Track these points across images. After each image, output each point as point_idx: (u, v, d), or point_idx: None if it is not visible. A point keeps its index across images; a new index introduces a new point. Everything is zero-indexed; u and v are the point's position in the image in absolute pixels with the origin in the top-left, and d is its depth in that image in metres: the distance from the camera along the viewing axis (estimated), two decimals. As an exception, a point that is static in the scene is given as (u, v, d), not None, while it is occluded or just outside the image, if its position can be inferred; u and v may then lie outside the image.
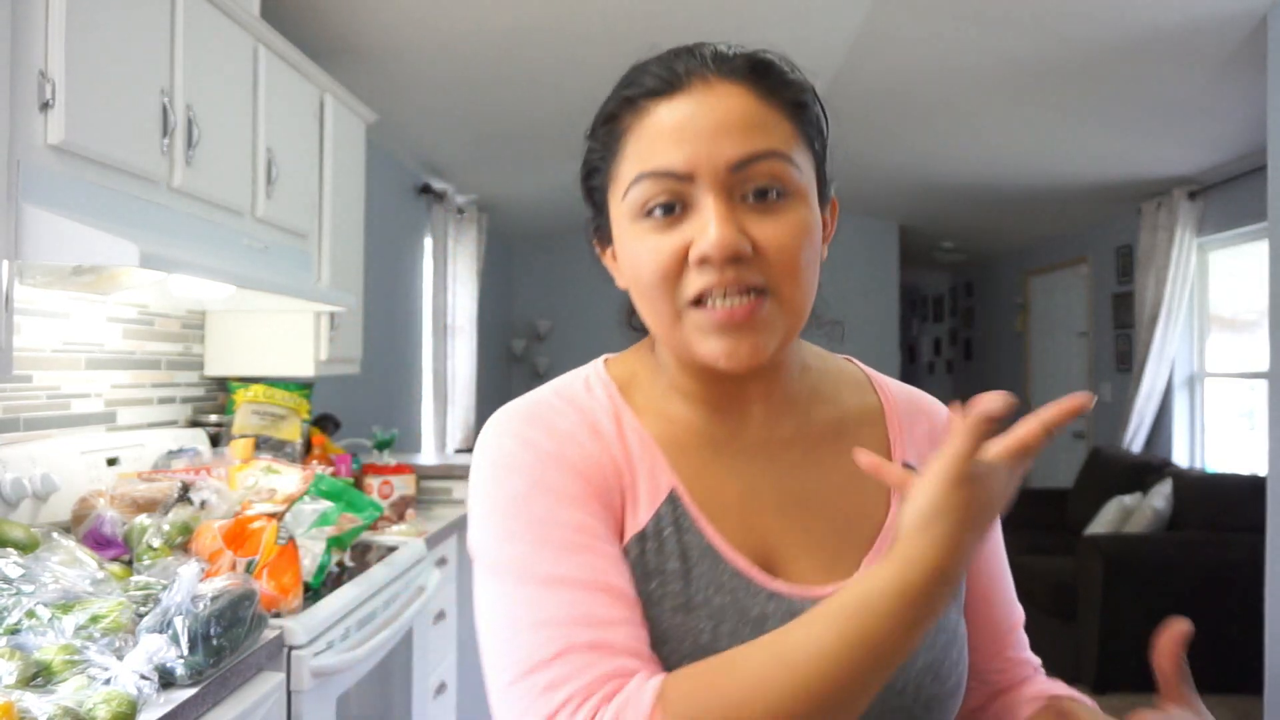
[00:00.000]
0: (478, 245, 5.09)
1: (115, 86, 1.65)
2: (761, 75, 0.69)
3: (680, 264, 0.67)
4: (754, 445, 0.74)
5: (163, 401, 2.42)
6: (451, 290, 4.83)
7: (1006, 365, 7.31)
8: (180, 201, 1.87)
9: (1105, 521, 4.28)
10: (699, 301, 0.67)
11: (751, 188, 0.67)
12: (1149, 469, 4.46)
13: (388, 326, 4.17)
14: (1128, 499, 4.28)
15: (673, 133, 0.67)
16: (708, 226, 0.65)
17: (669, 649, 0.65)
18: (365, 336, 3.17)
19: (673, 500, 0.70)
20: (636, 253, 0.69)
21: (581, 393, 0.75)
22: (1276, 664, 2.78)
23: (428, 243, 4.79)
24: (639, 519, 0.70)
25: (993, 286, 7.65)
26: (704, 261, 0.66)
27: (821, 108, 0.74)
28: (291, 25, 2.65)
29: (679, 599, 0.67)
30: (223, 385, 2.68)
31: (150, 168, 1.75)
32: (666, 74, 0.69)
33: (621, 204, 0.70)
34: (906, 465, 0.76)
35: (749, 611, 0.68)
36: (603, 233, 0.76)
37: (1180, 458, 4.80)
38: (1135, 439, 4.95)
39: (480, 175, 4.86)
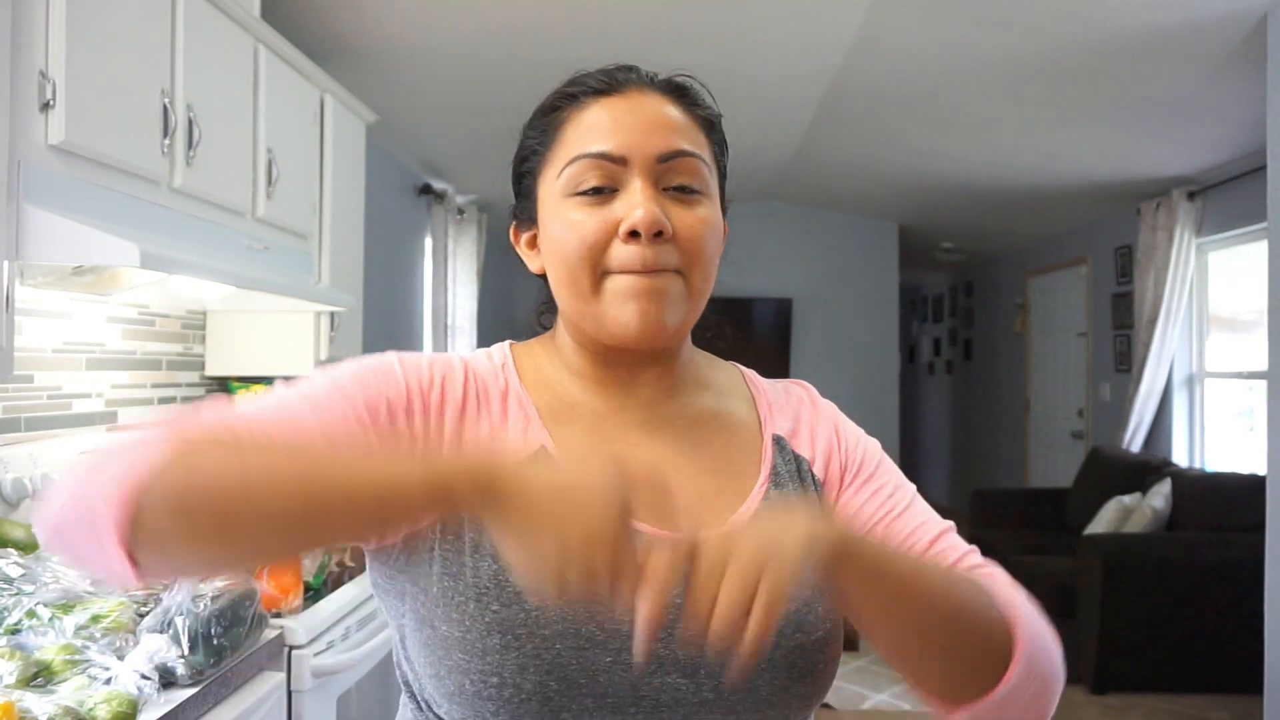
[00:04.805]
0: (478, 245, 5.09)
1: (116, 86, 1.65)
2: (683, 93, 0.81)
3: (607, 236, 0.74)
4: (634, 421, 0.81)
5: (163, 401, 2.42)
6: (451, 290, 4.83)
7: (1006, 365, 7.31)
8: (181, 202, 1.87)
9: (1105, 521, 4.28)
10: (619, 272, 0.74)
11: (674, 181, 0.76)
12: (1148, 469, 4.46)
13: (388, 326, 4.17)
14: (1127, 499, 4.28)
15: (610, 123, 0.76)
16: (637, 202, 0.73)
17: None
18: (365, 336, 3.17)
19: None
20: (565, 224, 0.76)
21: (482, 359, 0.83)
22: (1276, 664, 2.78)
23: (428, 243, 4.80)
24: None
25: (992, 287, 7.64)
26: (632, 234, 0.73)
27: (723, 135, 0.84)
28: (291, 26, 2.65)
29: None
30: (223, 385, 2.68)
31: (151, 168, 1.75)
32: (606, 79, 0.79)
33: (554, 183, 0.77)
34: (777, 437, 0.84)
35: None
36: (525, 216, 0.83)
37: (1179, 458, 4.80)
38: (1134, 439, 4.96)
39: (480, 175, 4.86)
